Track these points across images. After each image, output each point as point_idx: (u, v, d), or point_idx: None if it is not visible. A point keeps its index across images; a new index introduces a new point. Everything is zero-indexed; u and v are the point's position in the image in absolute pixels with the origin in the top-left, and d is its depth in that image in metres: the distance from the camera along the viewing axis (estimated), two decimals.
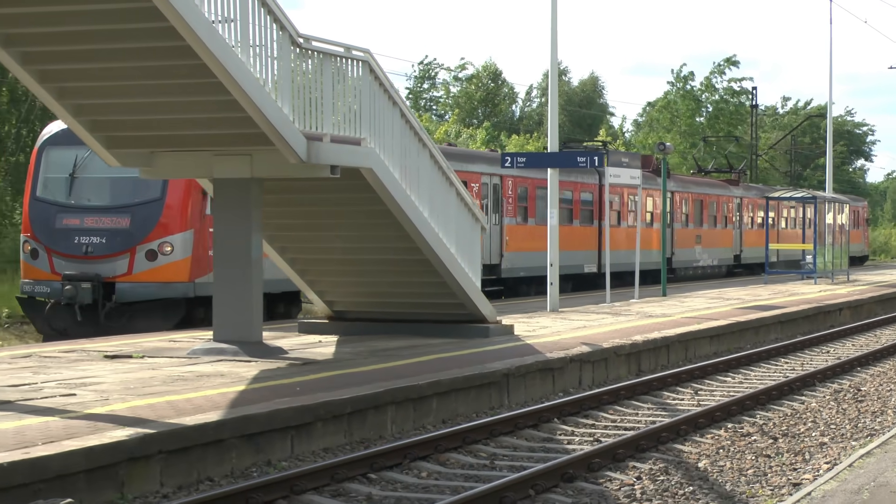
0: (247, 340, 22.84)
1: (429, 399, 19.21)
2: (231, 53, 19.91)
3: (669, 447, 17.07)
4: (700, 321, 31.50)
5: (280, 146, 21.32)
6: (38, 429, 14.66)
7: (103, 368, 20.96)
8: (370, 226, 24.57)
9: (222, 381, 19.15)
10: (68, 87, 21.42)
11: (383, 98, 23.98)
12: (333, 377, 19.74)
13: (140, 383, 18.86)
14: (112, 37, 20.01)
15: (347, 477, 14.83)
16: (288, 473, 14.53)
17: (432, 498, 14.00)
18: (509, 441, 17.60)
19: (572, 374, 23.32)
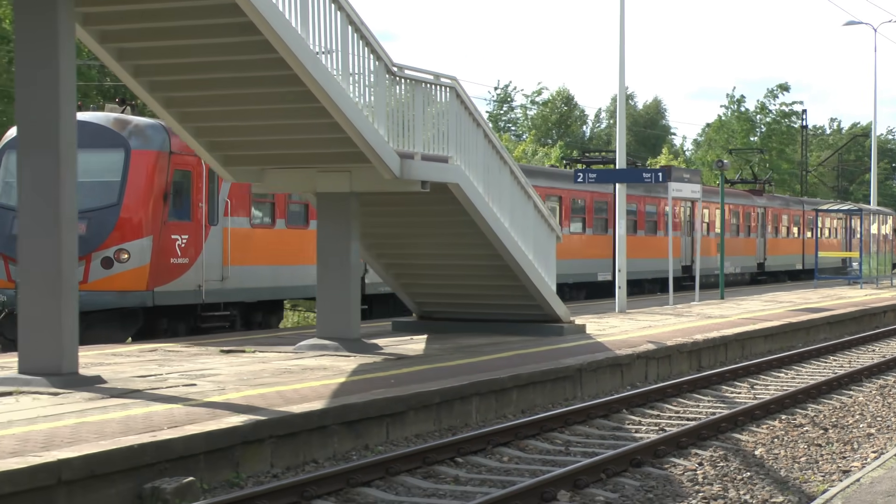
0: (346, 337, 22.91)
1: (509, 391, 19.20)
2: (333, 81, 20.05)
3: (728, 436, 16.95)
4: (755, 322, 31.27)
5: (376, 163, 21.42)
6: (163, 415, 14.88)
7: (220, 361, 21.17)
8: (456, 235, 24.59)
9: (325, 374, 19.22)
10: (189, 112, 21.67)
11: (468, 120, 24.02)
12: (423, 371, 19.76)
13: (252, 375, 19.01)
14: (229, 67, 20.25)
15: (437, 460, 14.86)
16: (384, 457, 14.57)
17: (513, 480, 13.94)
18: (582, 429, 17.54)
19: (639, 369, 23.26)
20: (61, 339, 17.30)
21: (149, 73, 20.69)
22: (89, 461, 12.21)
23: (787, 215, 68.70)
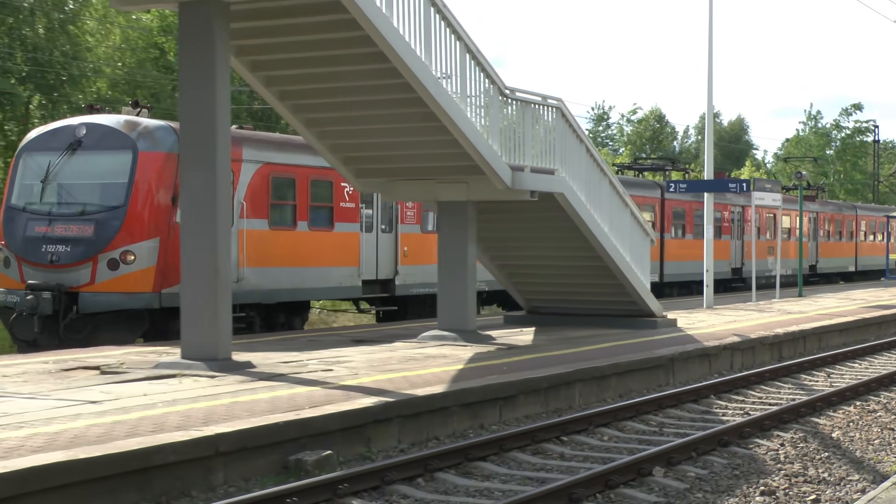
0: (463, 329, 23.19)
1: (609, 378, 19.40)
2: (453, 103, 20.35)
3: (807, 420, 16.98)
4: (831, 317, 31.01)
5: (490, 176, 21.68)
6: (304, 396, 15.28)
7: (352, 350, 21.44)
8: (561, 238, 24.74)
9: (445, 361, 19.50)
10: (327, 131, 22.08)
11: (572, 136, 24.24)
12: (532, 359, 19.95)
13: (381, 362, 19.31)
14: (361, 91, 20.67)
15: (544, 439, 15.08)
16: (497, 435, 14.87)
17: (612, 457, 14.13)
18: (674, 413, 17.70)
19: (725, 359, 23.33)
20: (217, 329, 17.86)
21: (292, 97, 21.22)
22: (242, 436, 12.71)
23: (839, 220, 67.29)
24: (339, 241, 28.84)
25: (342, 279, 28.37)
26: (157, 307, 24.08)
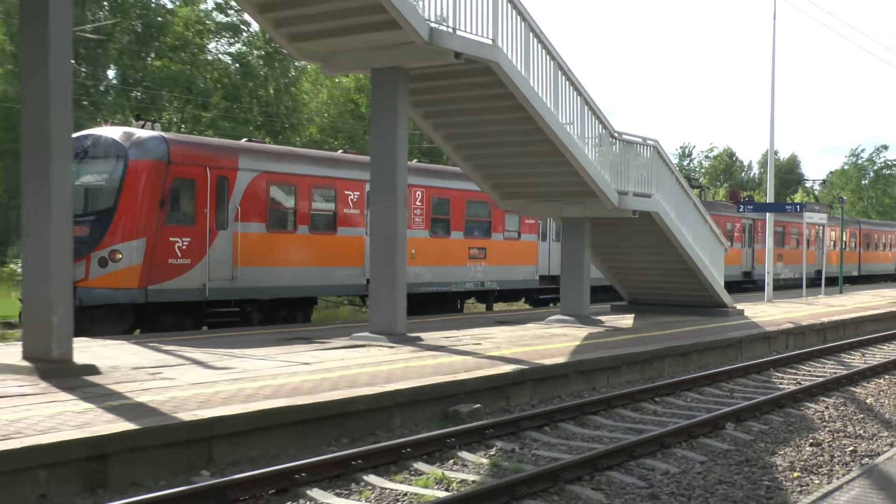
0: (580, 314, 23.01)
1: (691, 354, 19.08)
2: (574, 143, 20.31)
3: (846, 389, 16.58)
4: (866, 310, 30.16)
5: (602, 198, 21.57)
6: (460, 363, 15.27)
7: (496, 329, 21.39)
8: (655, 246, 24.40)
9: (566, 339, 19.34)
10: (481, 164, 22.10)
11: (664, 168, 23.91)
12: (632, 339, 19.71)
13: (517, 339, 19.23)
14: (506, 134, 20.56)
15: (641, 399, 14.97)
16: (606, 395, 14.72)
17: (694, 414, 13.99)
18: (742, 381, 17.33)
19: (781, 341, 22.81)
20: (395, 311, 17.92)
21: (454, 138, 21.27)
22: (414, 391, 12.80)
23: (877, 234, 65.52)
24: (344, 244, 24.86)
25: (346, 278, 24.77)
26: (142, 302, 20.67)
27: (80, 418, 10.04)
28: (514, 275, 30.48)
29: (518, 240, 30.52)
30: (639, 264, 26.08)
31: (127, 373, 13.27)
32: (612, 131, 22.10)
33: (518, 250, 30.65)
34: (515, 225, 30.23)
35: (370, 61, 17.93)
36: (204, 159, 21.49)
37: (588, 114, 21.21)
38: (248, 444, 10.66)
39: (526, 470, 10.28)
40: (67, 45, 12.97)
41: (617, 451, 10.87)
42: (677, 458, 11.26)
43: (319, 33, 17.58)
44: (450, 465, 10.75)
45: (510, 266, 30.13)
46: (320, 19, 17.19)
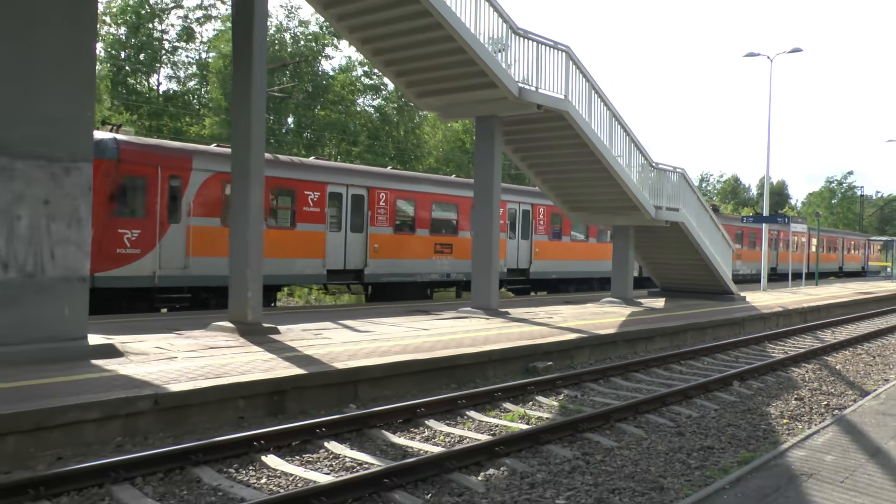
0: (625, 297, 22.76)
1: (706, 328, 18.65)
2: (623, 170, 20.12)
3: (821, 358, 16.00)
4: (835, 298, 29.15)
5: (642, 211, 21.26)
6: (538, 331, 15.15)
7: (563, 307, 21.18)
8: (681, 247, 23.94)
9: (615, 315, 19.10)
10: (555, 186, 21.87)
11: (688, 189, 23.37)
12: (663, 316, 19.32)
13: (579, 314, 19.00)
14: (574, 163, 20.32)
15: (671, 362, 14.71)
16: (644, 358, 14.47)
17: (710, 373, 13.76)
18: (745, 350, 16.85)
19: (773, 320, 22.10)
20: (489, 293, 17.89)
21: (536, 166, 21.11)
22: (504, 351, 12.74)
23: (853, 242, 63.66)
24: (303, 238, 21.29)
25: (306, 268, 21.28)
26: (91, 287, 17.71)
27: (266, 365, 10.25)
28: None
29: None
30: (669, 260, 25.61)
31: (298, 333, 13.50)
32: (651, 161, 21.77)
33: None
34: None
35: (475, 111, 17.94)
36: (156, 160, 18.45)
37: (633, 148, 20.95)
38: (383, 387, 10.74)
39: (586, 411, 10.21)
40: (262, 101, 13.23)
41: (652, 400, 10.72)
42: (697, 406, 11.06)
43: (439, 91, 17.66)
44: (529, 405, 10.71)
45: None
46: (440, 81, 17.30)
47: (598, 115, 19.36)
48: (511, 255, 27.80)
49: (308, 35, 49.23)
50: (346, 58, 54.17)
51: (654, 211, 21.62)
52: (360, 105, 52.13)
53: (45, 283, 10.01)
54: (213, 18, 48.76)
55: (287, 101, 46.14)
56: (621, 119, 20.15)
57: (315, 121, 48.07)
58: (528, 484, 7.29)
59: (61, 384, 8.55)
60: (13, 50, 9.77)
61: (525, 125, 19.16)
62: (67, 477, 6.62)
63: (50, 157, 10.02)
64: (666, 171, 22.68)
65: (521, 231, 28.29)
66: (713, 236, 24.79)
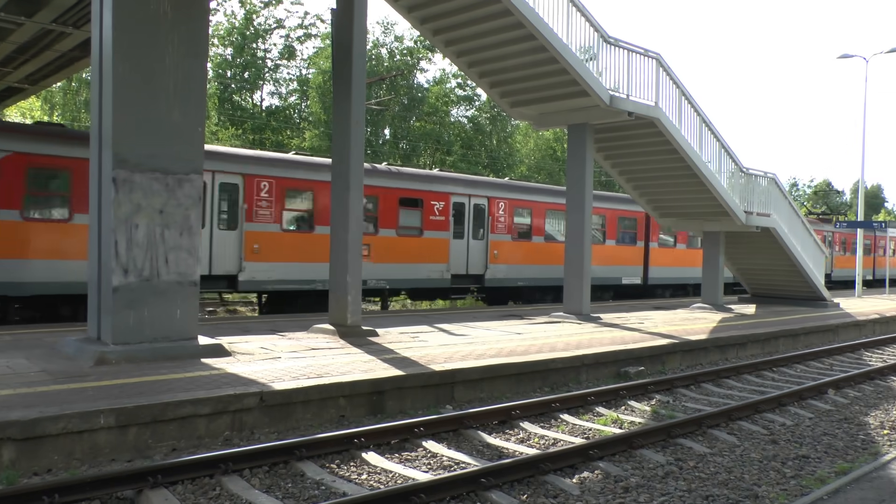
0: (715, 303, 22.21)
1: (799, 335, 18.00)
2: (713, 176, 19.64)
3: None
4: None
5: (732, 217, 20.67)
6: (629, 336, 14.88)
7: (654, 312, 20.71)
8: (772, 253, 23.17)
9: (705, 321, 18.58)
10: (645, 191, 21.52)
11: (779, 194, 22.59)
12: (755, 322, 18.74)
13: (669, 320, 18.56)
14: (663, 169, 19.92)
15: (763, 368, 14.26)
16: (735, 364, 14.07)
17: (803, 382, 13.21)
18: (839, 358, 16.20)
19: (869, 327, 21.16)
20: (581, 298, 17.70)
21: (626, 173, 20.76)
22: (597, 356, 12.57)
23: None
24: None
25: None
26: None
27: (366, 366, 10.36)
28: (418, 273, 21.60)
29: (421, 237, 21.57)
30: (759, 266, 24.83)
31: (396, 336, 13.60)
32: (741, 167, 21.12)
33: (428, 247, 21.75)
34: (417, 221, 21.41)
35: (567, 120, 17.80)
36: None
37: (723, 154, 20.36)
38: (478, 389, 10.72)
39: (678, 417, 9.98)
40: (361, 114, 13.40)
41: (745, 407, 10.40)
42: (791, 414, 10.66)
43: (532, 100, 17.60)
44: (622, 409, 10.53)
45: (416, 264, 21.50)
46: (533, 91, 17.23)
47: (688, 121, 18.96)
48: None
49: (403, 50, 49.78)
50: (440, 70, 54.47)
51: (745, 216, 21.00)
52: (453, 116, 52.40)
53: (160, 286, 10.38)
54: (312, 37, 49.84)
55: (384, 114, 46.76)
56: (711, 124, 19.67)
57: (410, 132, 48.56)
58: (622, 488, 7.16)
59: (175, 381, 8.82)
60: (140, 79, 10.27)
61: (616, 132, 18.90)
62: (182, 467, 6.85)
63: (165, 170, 10.42)
64: (756, 176, 22.02)
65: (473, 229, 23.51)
66: (805, 241, 23.95)
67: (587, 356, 12.38)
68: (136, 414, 7.55)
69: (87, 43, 17.92)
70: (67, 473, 6.91)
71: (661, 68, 17.91)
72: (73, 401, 7.62)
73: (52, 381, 8.58)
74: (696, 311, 21.34)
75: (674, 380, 12.18)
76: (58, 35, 17.81)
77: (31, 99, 38.30)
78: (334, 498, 6.60)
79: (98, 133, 10.49)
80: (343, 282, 13.26)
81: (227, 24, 47.58)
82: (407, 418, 9.14)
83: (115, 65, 10.11)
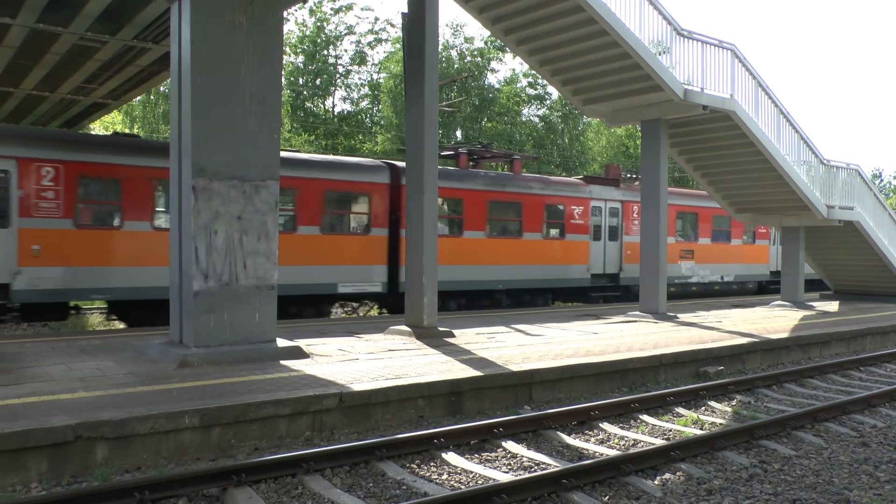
0: (796, 300, 21.59)
1: (889, 333, 17.29)
2: (792, 168, 19.17)
3: None
4: None
5: (813, 210, 20.08)
6: (707, 335, 14.59)
7: (732, 311, 20.20)
8: (856, 247, 22.41)
9: (786, 319, 18.08)
10: (720, 186, 21.05)
11: (864, 186, 21.78)
12: (839, 320, 18.09)
13: (748, 318, 18.08)
14: (739, 164, 19.46)
15: (849, 368, 13.75)
16: (819, 364, 13.63)
17: (894, 381, 12.76)
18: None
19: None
20: (657, 297, 17.42)
21: (701, 168, 20.31)
22: (675, 356, 12.36)
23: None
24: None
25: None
26: None
27: (443, 366, 10.38)
28: None
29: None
30: (842, 261, 24.03)
31: (472, 337, 13.60)
32: (822, 158, 20.46)
33: None
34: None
35: (640, 115, 17.56)
36: None
37: (802, 145, 19.80)
38: (556, 389, 10.65)
39: (760, 417, 9.72)
40: (434, 116, 13.44)
41: (832, 408, 10.05)
42: (882, 416, 10.27)
43: (605, 97, 17.42)
44: (702, 410, 10.31)
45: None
46: (606, 87, 17.07)
47: (765, 113, 18.51)
48: None
49: (473, 51, 49.81)
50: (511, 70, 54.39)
51: (826, 210, 20.36)
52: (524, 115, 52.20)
53: (239, 291, 10.60)
54: (383, 41, 50.28)
55: (456, 115, 46.89)
56: (789, 116, 19.16)
57: (482, 132, 48.58)
58: (705, 490, 7.00)
59: (255, 382, 8.99)
60: (217, 90, 10.53)
61: (690, 126, 18.55)
62: (264, 466, 6.97)
63: (242, 177, 10.63)
64: (838, 168, 21.33)
65: None
66: (892, 235, 23.07)
67: (665, 356, 12.17)
68: (220, 414, 7.72)
69: (165, 57, 18.45)
70: (156, 471, 7.11)
71: (736, 59, 17.52)
72: (159, 402, 7.84)
73: (138, 382, 8.84)
74: (775, 309, 20.78)
75: (755, 380, 11.86)
76: (139, 51, 18.39)
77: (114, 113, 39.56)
78: (416, 498, 6.62)
79: (178, 143, 10.78)
80: (419, 284, 13.32)
81: (298, 32, 48.40)
82: (486, 419, 9.12)
83: (194, 76, 10.38)
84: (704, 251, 27.08)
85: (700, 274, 26.86)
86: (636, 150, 50.37)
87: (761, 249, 28.89)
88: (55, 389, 8.35)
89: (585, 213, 23.17)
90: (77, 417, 7.13)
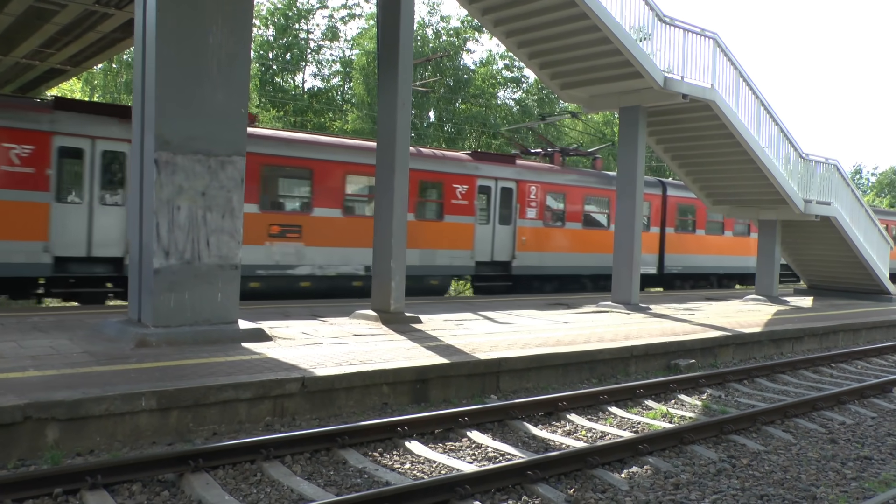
0: (770, 295, 21.87)
1: (860, 330, 17.61)
2: (771, 161, 19.32)
3: None
4: None
5: (790, 205, 20.32)
6: (679, 327, 14.70)
7: (705, 304, 20.48)
8: (831, 243, 22.74)
9: (758, 313, 18.33)
10: (698, 177, 21.22)
11: (840, 182, 22.07)
12: (812, 316, 18.39)
13: (723, 312, 18.30)
14: (718, 155, 19.66)
15: (820, 364, 14.01)
16: (791, 359, 13.78)
17: (864, 378, 13.00)
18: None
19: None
20: (630, 289, 17.56)
21: (679, 158, 20.49)
22: (646, 347, 12.46)
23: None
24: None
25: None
26: None
27: (409, 353, 10.38)
28: None
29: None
30: (817, 257, 24.36)
31: (440, 323, 13.61)
32: (801, 153, 20.69)
33: None
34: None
35: (619, 102, 17.62)
36: None
37: (781, 139, 19.98)
38: (524, 378, 10.70)
39: (731, 412, 9.84)
40: (408, 96, 13.38)
41: (802, 403, 10.21)
42: (851, 413, 10.45)
43: (583, 82, 17.45)
44: (672, 403, 10.42)
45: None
46: (584, 72, 17.10)
47: (746, 104, 18.66)
48: None
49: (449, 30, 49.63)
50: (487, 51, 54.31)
51: (804, 204, 20.61)
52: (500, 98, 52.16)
53: (202, 269, 10.49)
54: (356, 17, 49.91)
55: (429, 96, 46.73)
56: (770, 108, 19.32)
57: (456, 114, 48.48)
58: (672, 484, 7.08)
59: (216, 364, 8.93)
60: (183, 60, 10.34)
61: (669, 115, 18.66)
62: (223, 451, 6.92)
63: (208, 152, 10.50)
64: (816, 162, 21.58)
65: None
66: (868, 232, 23.42)
67: (636, 347, 12.27)
68: (178, 397, 7.65)
69: (129, 24, 18.15)
70: (109, 455, 7.04)
71: (718, 49, 17.62)
72: (115, 382, 7.75)
73: (94, 362, 8.74)
74: (749, 303, 21.03)
75: (726, 374, 12.02)
76: (101, 16, 18.05)
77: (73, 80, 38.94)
78: (377, 487, 6.63)
79: (141, 115, 10.61)
80: (386, 268, 13.30)
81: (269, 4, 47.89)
82: (451, 407, 9.14)
83: (158, 45, 10.20)
84: None
85: None
86: (613, 137, 50.56)
87: None
88: (4, 368, 8.23)
89: (471, 192, 21.34)
90: (27, 397, 7.03)
